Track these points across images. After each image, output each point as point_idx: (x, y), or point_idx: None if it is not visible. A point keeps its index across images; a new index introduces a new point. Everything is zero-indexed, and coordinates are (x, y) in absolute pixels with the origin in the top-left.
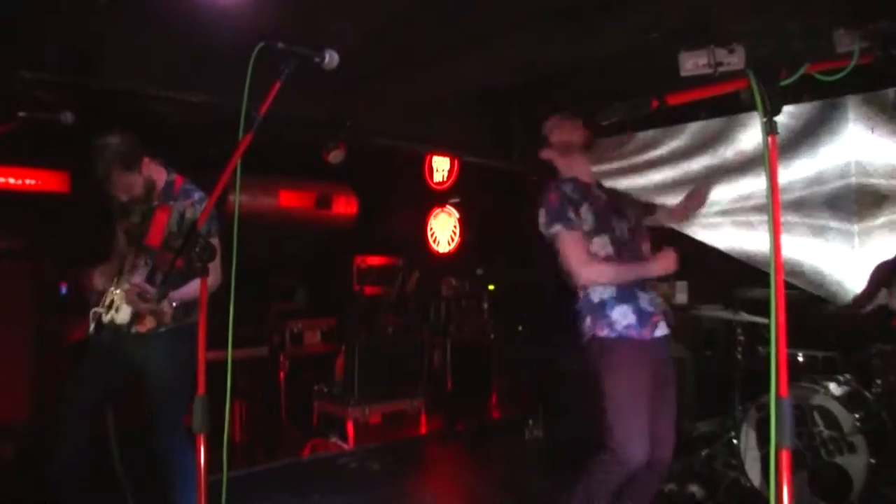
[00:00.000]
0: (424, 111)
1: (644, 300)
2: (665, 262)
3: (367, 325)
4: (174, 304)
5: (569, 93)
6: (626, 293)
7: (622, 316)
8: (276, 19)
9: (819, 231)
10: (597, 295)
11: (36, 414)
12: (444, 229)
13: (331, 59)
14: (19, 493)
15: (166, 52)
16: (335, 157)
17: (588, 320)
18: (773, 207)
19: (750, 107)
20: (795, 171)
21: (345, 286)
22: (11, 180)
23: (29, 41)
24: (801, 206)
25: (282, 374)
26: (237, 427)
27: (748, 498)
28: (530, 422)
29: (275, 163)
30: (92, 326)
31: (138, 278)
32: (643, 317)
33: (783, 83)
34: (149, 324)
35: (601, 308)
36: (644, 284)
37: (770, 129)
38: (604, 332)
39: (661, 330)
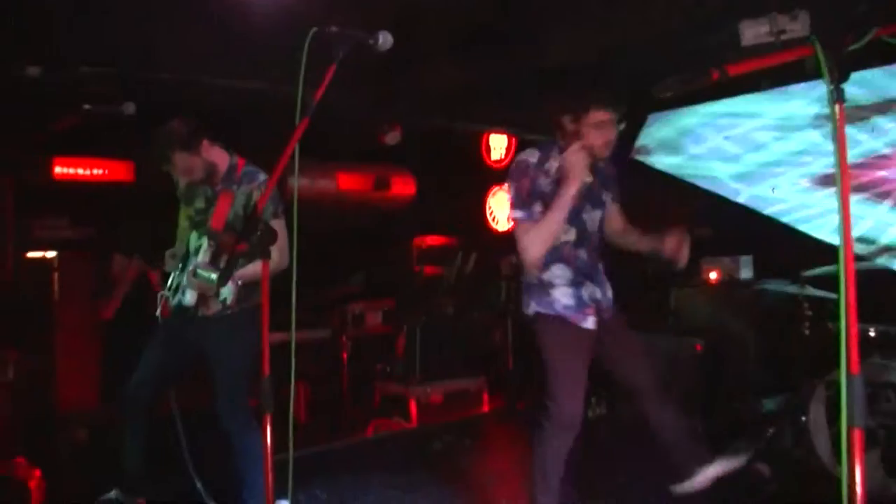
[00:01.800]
0: (480, 89)
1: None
2: None
3: (427, 305)
4: (238, 283)
5: (626, 68)
6: None
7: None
8: (326, 3)
9: None
10: None
11: (105, 399)
12: (502, 208)
13: (384, 40)
14: (93, 475)
15: (220, 41)
16: (391, 138)
17: None
18: (842, 179)
19: (815, 75)
20: None
21: (404, 267)
22: (80, 171)
23: (85, 36)
24: None
25: (344, 355)
26: (301, 408)
27: (816, 477)
28: (593, 399)
29: (332, 146)
30: (158, 309)
31: (203, 259)
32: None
33: (850, 49)
34: (214, 307)
35: None
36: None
37: (837, 97)
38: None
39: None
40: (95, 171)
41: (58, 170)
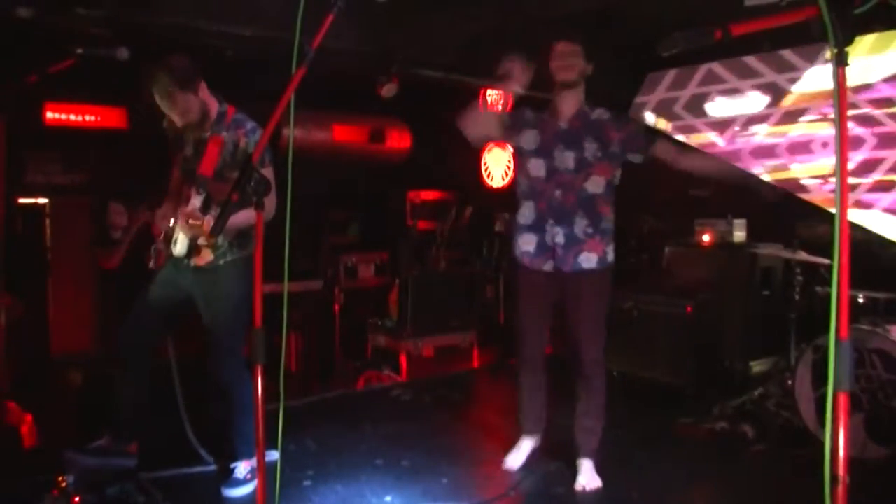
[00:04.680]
0: (479, 43)
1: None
2: None
3: (420, 259)
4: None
5: (628, 23)
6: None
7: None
8: None
9: None
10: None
11: (99, 343)
12: (498, 164)
13: None
14: (87, 416)
15: None
16: (388, 90)
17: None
18: (841, 144)
19: (819, 37)
20: None
21: (398, 220)
22: (72, 117)
23: None
24: None
25: (336, 307)
26: (293, 358)
27: (800, 439)
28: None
29: (328, 97)
30: (152, 261)
31: (192, 206)
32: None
33: (857, 11)
34: (206, 257)
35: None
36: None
37: (841, 60)
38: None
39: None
40: (88, 118)
41: (49, 115)
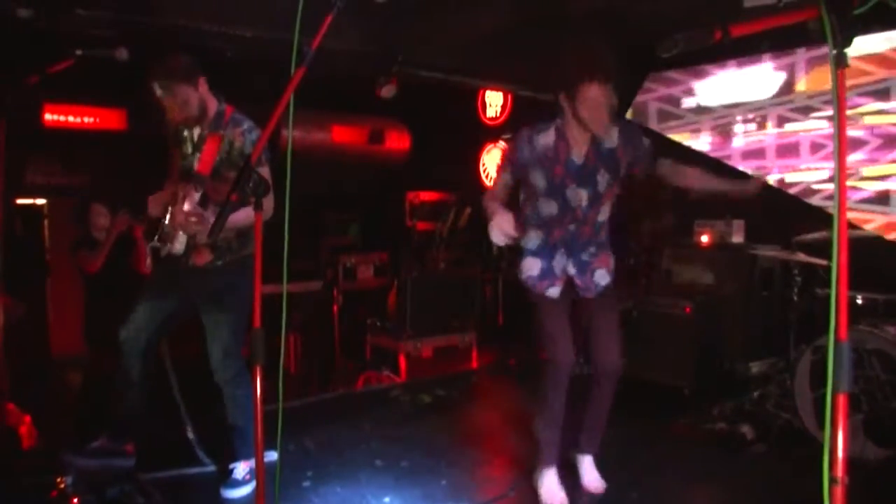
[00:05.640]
0: (478, 44)
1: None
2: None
3: (419, 260)
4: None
5: (627, 25)
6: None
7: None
8: None
9: None
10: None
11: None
12: (496, 165)
13: None
14: (86, 416)
15: None
16: (387, 91)
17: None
18: (840, 145)
19: (818, 38)
20: None
21: (397, 221)
22: (71, 118)
23: None
24: None
25: (335, 308)
26: (292, 359)
27: (799, 440)
28: (581, 359)
29: (328, 98)
30: (148, 260)
31: (190, 204)
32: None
33: (856, 11)
34: (205, 256)
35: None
36: (574, 248)
37: (840, 62)
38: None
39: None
40: (87, 119)
41: (48, 116)
